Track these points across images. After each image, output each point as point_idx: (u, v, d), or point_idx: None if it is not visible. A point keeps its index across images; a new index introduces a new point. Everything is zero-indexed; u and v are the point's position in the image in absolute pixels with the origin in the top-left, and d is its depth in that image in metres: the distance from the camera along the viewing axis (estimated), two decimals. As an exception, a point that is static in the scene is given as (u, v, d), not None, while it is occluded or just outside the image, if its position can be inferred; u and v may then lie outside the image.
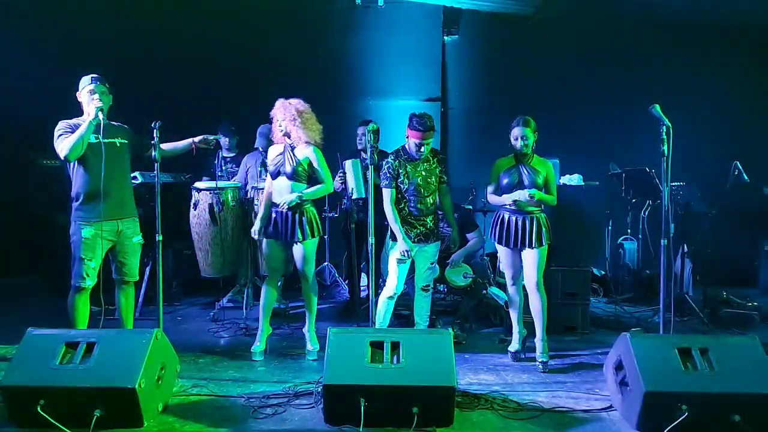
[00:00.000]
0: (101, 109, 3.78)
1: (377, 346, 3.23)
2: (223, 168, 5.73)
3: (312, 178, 4.26)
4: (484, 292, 5.08)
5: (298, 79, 6.89)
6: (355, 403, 3.00)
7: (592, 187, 5.33)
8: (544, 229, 4.16)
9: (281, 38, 6.97)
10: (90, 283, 3.86)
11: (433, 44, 7.47)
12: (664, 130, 3.56)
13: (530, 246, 4.14)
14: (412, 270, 4.39)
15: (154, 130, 3.72)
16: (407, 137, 4.19)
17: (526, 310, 4.38)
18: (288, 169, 4.18)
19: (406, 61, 7.34)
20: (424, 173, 4.23)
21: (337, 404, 3.11)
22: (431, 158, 4.27)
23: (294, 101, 4.22)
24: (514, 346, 4.39)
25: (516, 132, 4.13)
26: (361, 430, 2.96)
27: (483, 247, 5.46)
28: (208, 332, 5.04)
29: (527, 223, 4.15)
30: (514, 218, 4.17)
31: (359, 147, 5.47)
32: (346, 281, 6.12)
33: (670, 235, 3.63)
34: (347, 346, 3.24)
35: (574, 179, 5.34)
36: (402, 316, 5.29)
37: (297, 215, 4.19)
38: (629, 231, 6.60)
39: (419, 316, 4.44)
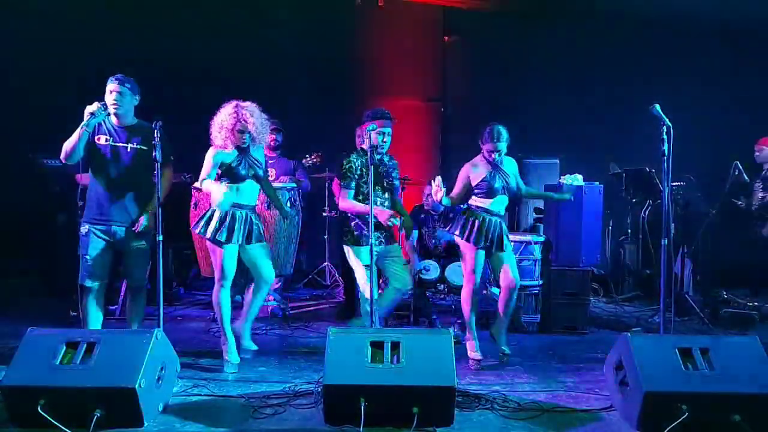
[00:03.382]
0: (91, 112, 3.69)
1: (377, 346, 3.23)
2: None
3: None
4: (484, 292, 5.08)
5: (298, 79, 6.91)
6: (356, 403, 3.00)
7: (592, 186, 5.33)
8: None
9: (281, 38, 6.98)
10: (93, 283, 3.86)
11: (433, 44, 7.48)
12: (664, 129, 3.56)
13: (503, 248, 4.21)
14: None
15: (155, 130, 3.69)
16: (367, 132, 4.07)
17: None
18: (255, 172, 4.06)
19: (406, 61, 7.35)
20: (381, 173, 4.13)
21: (337, 404, 3.11)
22: (387, 160, 4.19)
23: (253, 104, 4.06)
24: (478, 354, 4.26)
25: (490, 147, 4.13)
26: (361, 430, 2.96)
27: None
28: (208, 332, 5.05)
29: (501, 226, 4.22)
30: (493, 220, 4.19)
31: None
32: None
33: (671, 235, 3.63)
34: (347, 346, 3.24)
35: (574, 179, 5.34)
36: (402, 316, 5.30)
37: (257, 217, 4.14)
38: (629, 231, 6.60)
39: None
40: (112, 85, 3.82)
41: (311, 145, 6.00)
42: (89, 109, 3.73)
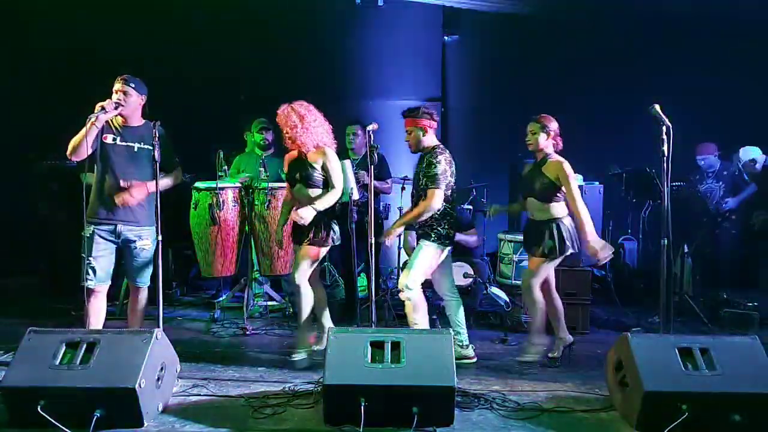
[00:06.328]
0: (102, 106, 3.65)
1: (377, 346, 3.23)
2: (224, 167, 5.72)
3: (326, 183, 4.11)
4: (485, 292, 5.07)
5: (298, 79, 6.90)
6: (355, 403, 3.00)
7: (592, 186, 5.33)
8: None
9: (281, 38, 6.98)
10: (95, 283, 3.81)
11: (433, 44, 7.48)
12: (664, 129, 3.56)
13: None
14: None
15: (154, 131, 3.70)
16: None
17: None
18: (303, 175, 4.09)
19: (406, 61, 7.35)
20: (417, 171, 4.18)
21: (337, 404, 3.11)
22: (424, 157, 4.17)
23: (296, 105, 4.09)
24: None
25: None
26: (361, 430, 2.96)
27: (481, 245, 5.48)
28: (208, 332, 5.05)
29: None
30: None
31: (352, 147, 5.55)
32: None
33: (670, 235, 3.63)
34: (347, 346, 3.24)
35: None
36: (402, 316, 5.28)
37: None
38: (629, 231, 6.60)
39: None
40: (117, 85, 3.79)
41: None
42: (101, 103, 3.68)
